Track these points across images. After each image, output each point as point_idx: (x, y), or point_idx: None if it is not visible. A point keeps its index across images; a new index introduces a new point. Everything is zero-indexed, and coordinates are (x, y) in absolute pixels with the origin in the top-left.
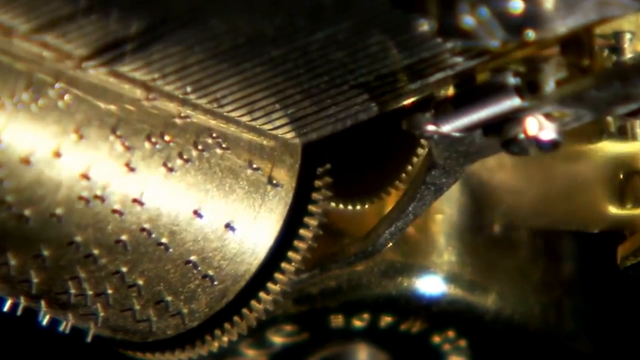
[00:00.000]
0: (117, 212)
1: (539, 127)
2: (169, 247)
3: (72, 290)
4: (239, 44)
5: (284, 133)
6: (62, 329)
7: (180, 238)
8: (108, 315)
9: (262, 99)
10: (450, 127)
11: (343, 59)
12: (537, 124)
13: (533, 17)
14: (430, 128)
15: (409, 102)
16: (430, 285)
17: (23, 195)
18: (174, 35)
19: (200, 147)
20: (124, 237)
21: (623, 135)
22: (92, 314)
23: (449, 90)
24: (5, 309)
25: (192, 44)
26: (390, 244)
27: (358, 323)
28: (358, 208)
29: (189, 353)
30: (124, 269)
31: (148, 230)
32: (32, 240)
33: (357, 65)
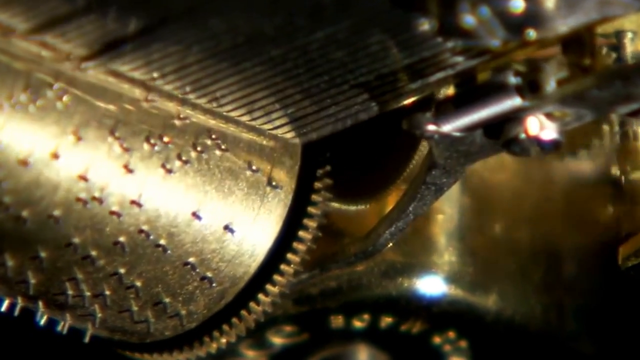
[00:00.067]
0: (115, 213)
1: (540, 126)
2: (167, 248)
3: (69, 291)
4: (239, 43)
5: (284, 133)
6: (59, 329)
7: (179, 240)
8: (106, 316)
9: (261, 99)
10: (451, 126)
11: (343, 59)
12: (538, 124)
13: (534, 16)
14: (431, 128)
15: (410, 101)
16: (431, 286)
17: (21, 197)
18: (174, 35)
19: (199, 148)
20: (122, 238)
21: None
22: (89, 315)
23: (450, 90)
24: (3, 309)
25: (191, 43)
26: (391, 244)
27: (358, 324)
28: (358, 208)
29: (187, 354)
30: (122, 271)
31: (146, 232)
32: (29, 242)
33: (357, 65)
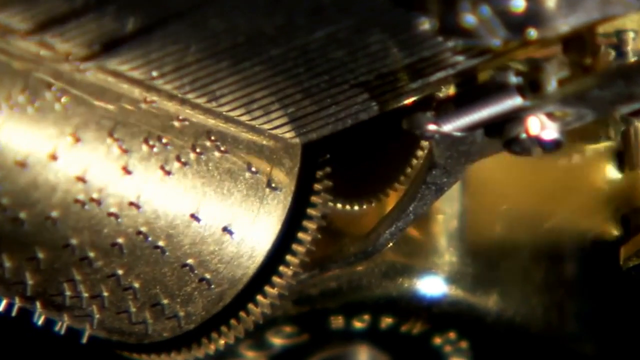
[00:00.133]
0: (113, 215)
1: (541, 126)
2: (166, 250)
3: (67, 292)
4: (238, 43)
5: (284, 133)
6: (57, 329)
7: (177, 241)
8: (103, 317)
9: (261, 98)
10: (452, 126)
11: (343, 58)
12: (539, 124)
13: (535, 15)
14: (431, 127)
15: (410, 101)
16: (431, 286)
17: (18, 198)
18: (173, 34)
19: (199, 150)
20: (120, 240)
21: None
22: (87, 316)
23: (450, 90)
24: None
25: (191, 43)
26: (391, 244)
27: (358, 324)
28: (358, 208)
29: (185, 355)
30: (120, 272)
31: (144, 234)
32: (27, 243)
33: (357, 64)
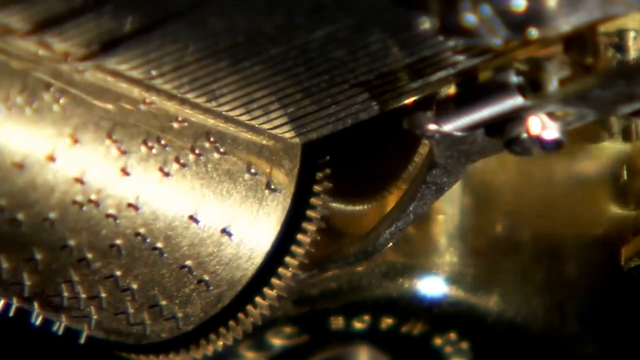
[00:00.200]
0: (111, 216)
1: (542, 126)
2: (164, 251)
3: (65, 293)
4: (238, 42)
5: (284, 132)
6: (55, 329)
7: (176, 243)
8: (101, 318)
9: (261, 98)
10: (452, 126)
11: (343, 58)
12: (540, 123)
13: (536, 15)
14: (432, 127)
15: (410, 101)
16: (432, 287)
17: (16, 199)
18: (173, 33)
19: (198, 151)
20: (119, 241)
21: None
22: (85, 317)
23: (451, 89)
24: None
25: (190, 42)
26: (391, 244)
27: (358, 325)
28: (358, 208)
29: (183, 356)
30: (118, 273)
31: (143, 235)
32: (24, 244)
33: (357, 64)
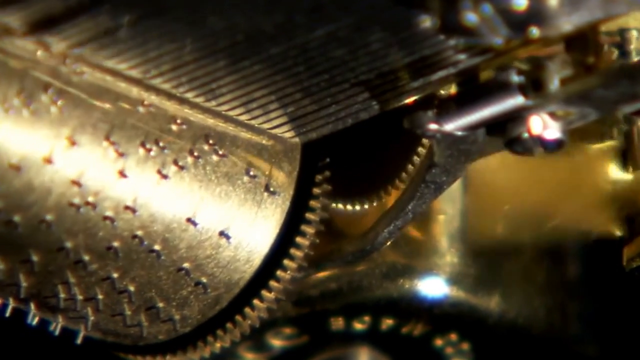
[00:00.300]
0: (108, 218)
1: (543, 126)
2: (162, 254)
3: (61, 295)
4: (238, 41)
5: (284, 132)
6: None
7: (173, 245)
8: (98, 320)
9: (260, 97)
10: (453, 125)
11: (343, 57)
12: (541, 123)
13: (537, 14)
14: (433, 127)
15: (411, 100)
16: (433, 287)
17: (12, 201)
18: (172, 32)
19: (196, 153)
20: (116, 243)
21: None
22: (82, 318)
23: (452, 89)
24: None
25: (189, 41)
26: (390, 244)
27: (359, 326)
28: (358, 208)
29: (180, 358)
30: (115, 275)
31: (140, 237)
32: (21, 245)
33: (357, 63)
